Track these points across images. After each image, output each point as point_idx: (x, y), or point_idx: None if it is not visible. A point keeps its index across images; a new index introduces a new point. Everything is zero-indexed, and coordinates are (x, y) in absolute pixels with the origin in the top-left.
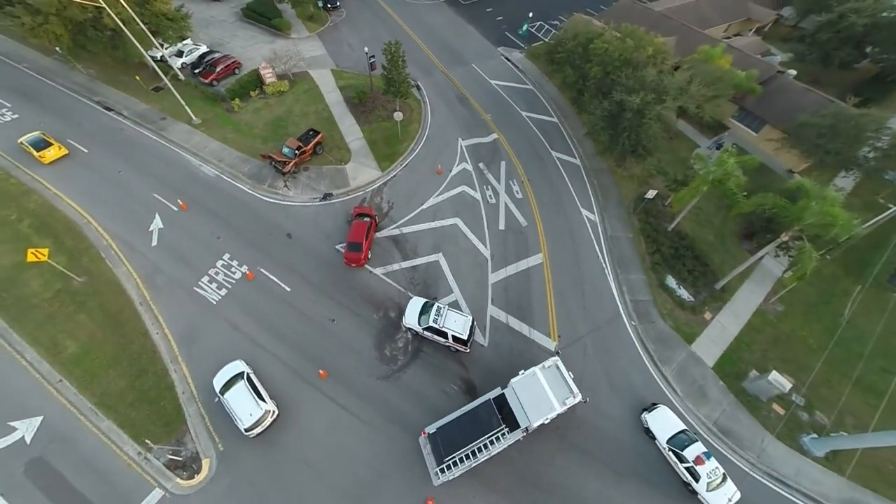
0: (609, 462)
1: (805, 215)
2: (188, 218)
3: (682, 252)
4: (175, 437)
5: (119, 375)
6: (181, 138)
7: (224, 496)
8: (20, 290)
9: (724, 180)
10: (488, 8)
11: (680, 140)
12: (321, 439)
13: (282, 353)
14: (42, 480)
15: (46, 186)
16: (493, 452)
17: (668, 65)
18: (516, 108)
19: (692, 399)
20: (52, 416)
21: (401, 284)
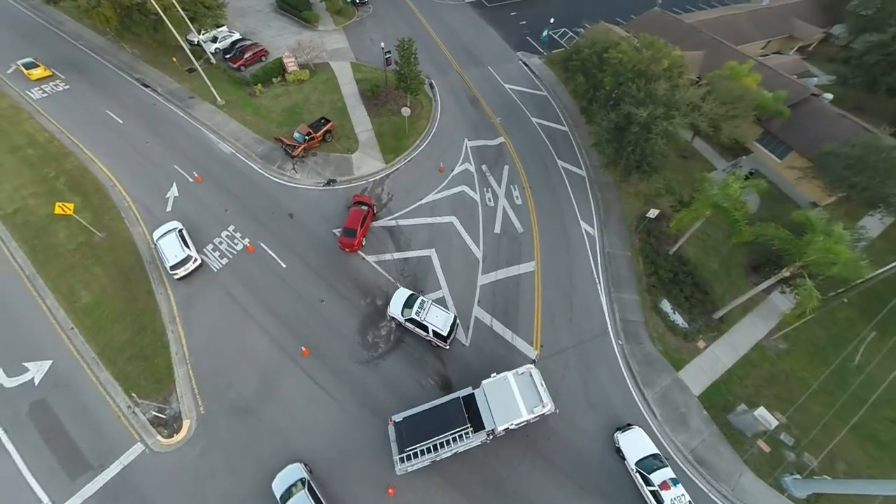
0: (574, 476)
1: (808, 250)
2: (201, 189)
3: (681, 277)
4: (162, 395)
5: (122, 329)
6: (205, 117)
7: (197, 458)
8: (49, 239)
9: (728, 205)
10: (513, 12)
11: (695, 160)
12: (295, 414)
13: (270, 327)
14: (41, 423)
15: (82, 150)
16: (456, 449)
17: (685, 79)
18: (527, 114)
19: (671, 425)
20: (59, 362)
21: (391, 274)
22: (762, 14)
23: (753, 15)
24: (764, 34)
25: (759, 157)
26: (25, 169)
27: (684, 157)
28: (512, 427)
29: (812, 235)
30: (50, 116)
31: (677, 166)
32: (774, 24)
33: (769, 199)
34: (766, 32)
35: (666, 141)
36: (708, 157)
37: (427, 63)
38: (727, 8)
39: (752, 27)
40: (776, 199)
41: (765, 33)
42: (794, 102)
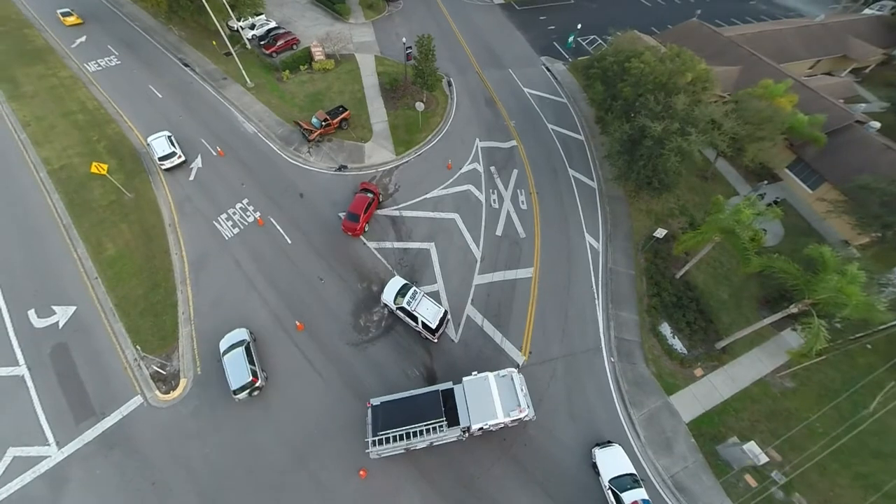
0: (546, 485)
1: (818, 288)
2: (222, 163)
3: (685, 302)
4: (166, 352)
5: (138, 284)
6: (234, 97)
7: (188, 417)
8: (86, 194)
9: (738, 231)
10: (542, 16)
11: (717, 183)
12: (283, 386)
13: (270, 298)
14: (59, 365)
15: (124, 118)
16: (429, 441)
17: (710, 94)
18: (543, 120)
19: (654, 448)
20: (82, 309)
21: (389, 262)
22: (814, 31)
23: (803, 31)
24: (813, 53)
25: (789, 185)
26: (74, 131)
27: (704, 178)
28: (487, 427)
29: (823, 273)
30: (100, 87)
31: (695, 187)
32: (826, 43)
33: (795, 232)
34: (815, 51)
35: (680, 158)
36: (731, 181)
37: (448, 61)
38: (775, 22)
39: (800, 44)
40: (803, 233)
41: (814, 52)
42: (833, 129)
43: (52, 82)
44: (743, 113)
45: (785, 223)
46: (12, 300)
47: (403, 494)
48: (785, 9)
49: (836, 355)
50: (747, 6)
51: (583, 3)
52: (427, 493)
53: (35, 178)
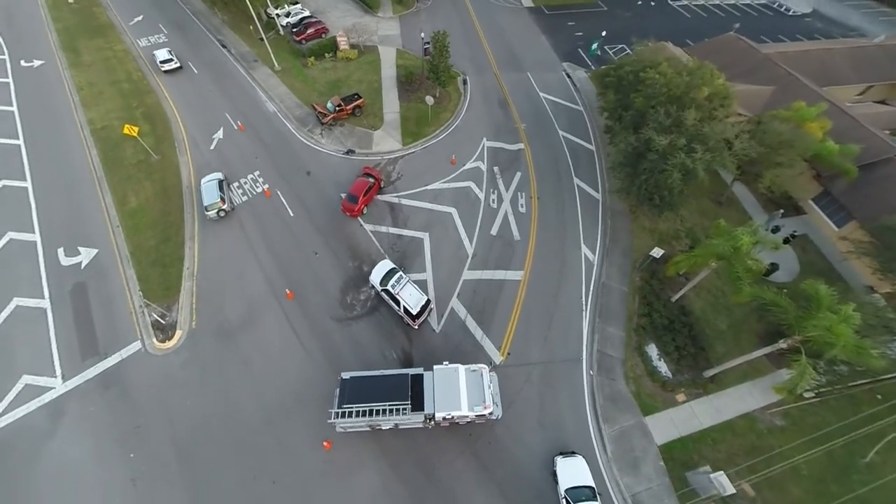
0: (503, 486)
1: (806, 325)
2: (241, 136)
3: (677, 326)
4: (167, 303)
5: (152, 236)
6: (261, 78)
7: (178, 368)
8: (120, 152)
9: (733, 259)
10: (571, 21)
11: (731, 208)
12: (267, 350)
13: (266, 264)
14: (77, 302)
15: (162, 90)
16: (394, 423)
17: (729, 112)
18: (555, 126)
19: (620, 465)
20: (103, 252)
21: (382, 246)
22: (869, 53)
23: (856, 52)
24: (864, 77)
25: (813, 220)
26: (118, 98)
27: (718, 202)
28: (451, 418)
29: (816, 310)
30: (147, 61)
31: (707, 211)
32: (882, 66)
33: (813, 271)
34: (867, 75)
35: (682, 176)
36: (747, 208)
37: (467, 61)
38: (826, 42)
39: (850, 67)
40: (822, 273)
41: (865, 76)
42: (869, 162)
43: (107, 54)
44: (762, 135)
45: (803, 260)
46: (47, 238)
47: (363, 471)
48: (845, 27)
49: (839, 400)
50: (800, 23)
51: (616, 11)
52: (387, 473)
53: (80, 135)
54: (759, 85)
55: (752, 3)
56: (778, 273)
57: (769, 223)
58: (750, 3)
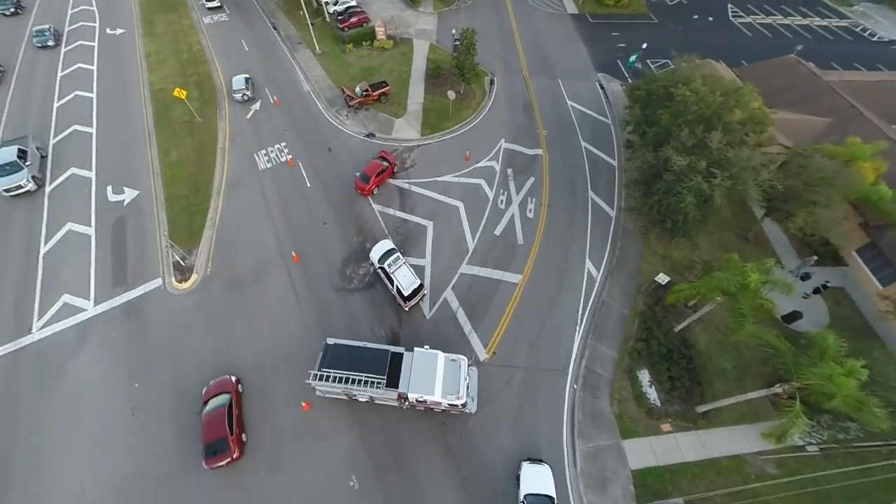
0: (467, 480)
1: (805, 372)
2: (275, 110)
3: (675, 357)
4: (188, 247)
5: (185, 187)
6: (301, 59)
7: (190, 308)
8: (169, 112)
9: (738, 295)
10: (615, 32)
11: (758, 246)
12: (267, 305)
13: (279, 226)
14: (115, 235)
15: (215, 62)
16: (370, 396)
17: (761, 139)
18: (579, 136)
19: (588, 482)
20: (142, 194)
21: (387, 227)
22: None
23: None
24: None
25: (854, 273)
26: (177, 66)
27: (745, 238)
28: (424, 401)
29: (819, 359)
30: (207, 36)
31: (730, 245)
32: None
33: (845, 327)
34: None
35: (698, 201)
36: (777, 249)
37: (497, 61)
38: None
39: None
40: (854, 331)
41: None
42: None
43: (176, 27)
44: (799, 169)
45: (835, 314)
46: (100, 176)
47: (335, 438)
48: None
49: (846, 458)
50: (883, 51)
51: (668, 25)
52: (356, 445)
53: (140, 95)
54: (812, 115)
55: (830, 25)
56: (801, 322)
57: (799, 269)
58: (826, 24)
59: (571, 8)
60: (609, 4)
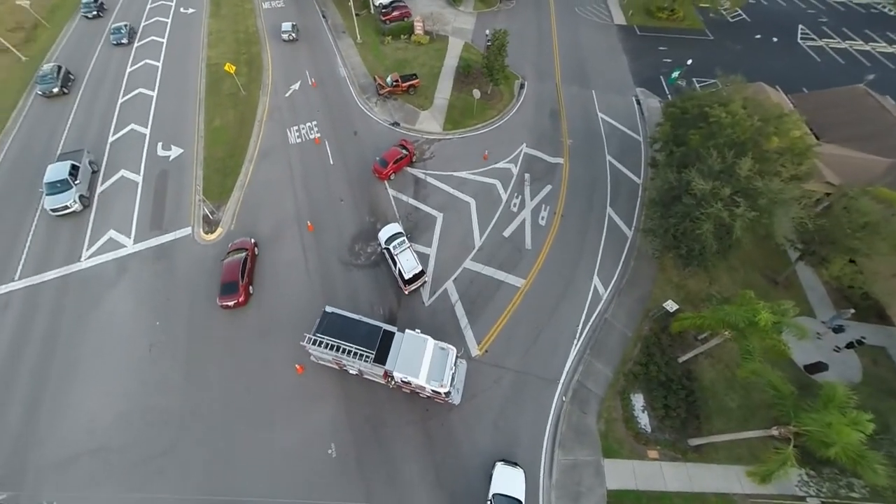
0: (440, 469)
1: (803, 417)
2: (311, 91)
3: (674, 387)
4: (218, 203)
5: (222, 150)
6: (343, 47)
7: (211, 257)
8: (220, 84)
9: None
10: (662, 46)
11: (789, 292)
12: (279, 267)
13: (300, 196)
14: (158, 186)
15: (266, 43)
16: (359, 369)
17: (798, 171)
18: (605, 150)
19: (560, 493)
20: (185, 153)
21: (399, 212)
22: None
23: None
24: None
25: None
26: (233, 44)
27: (774, 281)
28: (408, 383)
29: (822, 407)
30: (263, 19)
31: (754, 285)
32: None
33: (881, 387)
34: None
35: (714, 229)
36: (810, 297)
37: (531, 66)
38: None
39: None
40: (891, 394)
41: None
42: None
43: (238, 10)
44: (842, 211)
45: (870, 372)
46: (153, 134)
47: (320, 404)
48: None
49: None
50: None
51: (725, 43)
52: (340, 415)
53: (198, 67)
54: (873, 154)
55: None
56: (826, 374)
57: (832, 321)
58: None
59: (619, 19)
60: (661, 17)
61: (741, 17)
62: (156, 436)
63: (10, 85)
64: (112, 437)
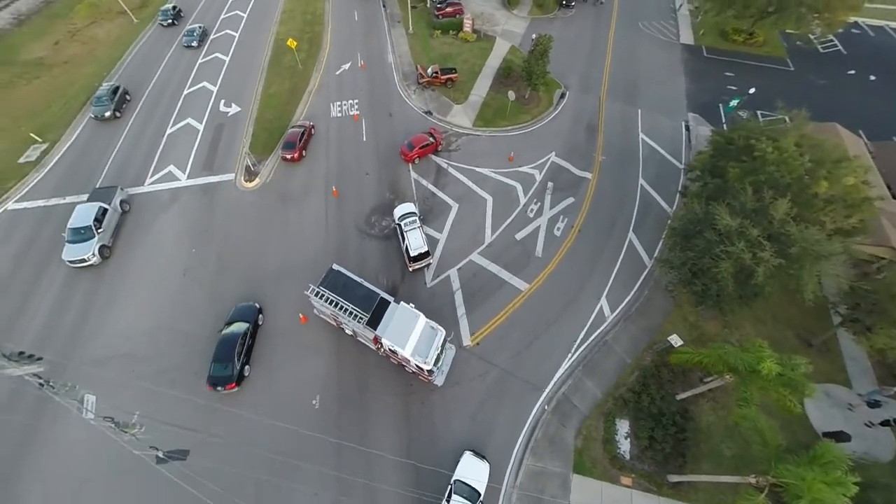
0: (411, 444)
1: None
2: (359, 72)
3: (665, 422)
4: (260, 158)
5: (272, 113)
6: (395, 35)
7: (248, 203)
8: (281, 57)
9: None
10: (730, 72)
11: (824, 358)
12: (303, 221)
13: (331, 164)
14: (214, 135)
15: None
16: (351, 329)
17: (846, 223)
18: (639, 171)
19: (521, 496)
20: (242, 112)
21: (417, 194)
22: None
23: None
24: None
25: None
26: (301, 24)
27: (808, 344)
28: (395, 353)
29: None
30: (330, 3)
31: (785, 344)
32: None
33: None
34: None
35: (734, 272)
36: (850, 368)
37: (577, 76)
38: None
39: None
40: None
41: None
42: None
43: None
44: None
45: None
46: (219, 92)
47: (315, 356)
48: None
49: None
50: None
51: (807, 76)
52: (331, 370)
53: (267, 41)
54: None
55: None
56: (848, 445)
57: (870, 395)
58: None
59: (687, 38)
60: (737, 40)
61: (835, 47)
62: (174, 353)
63: (122, 40)
64: (140, 346)
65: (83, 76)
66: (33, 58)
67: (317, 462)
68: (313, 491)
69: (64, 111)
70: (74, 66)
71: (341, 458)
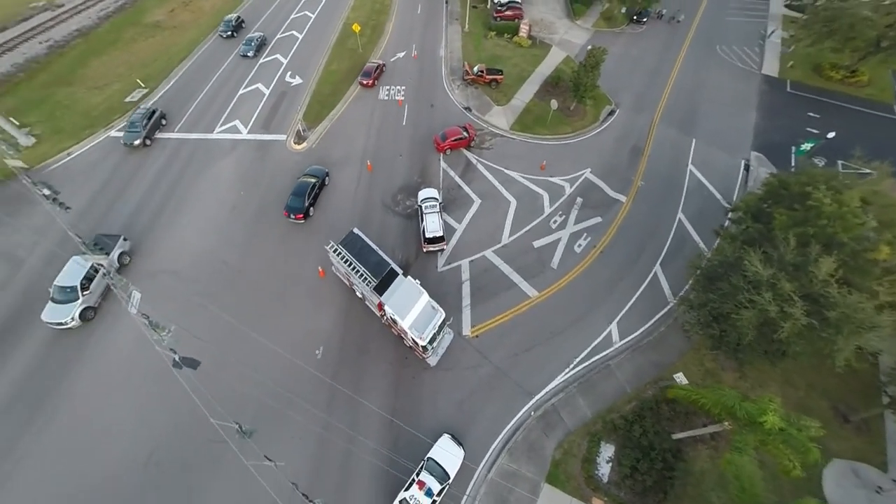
0: (395, 413)
1: None
2: (411, 62)
3: (654, 457)
4: (310, 125)
5: (328, 88)
6: (450, 32)
7: (293, 163)
8: (346, 40)
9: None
10: (814, 112)
11: (861, 435)
12: (337, 187)
13: (370, 141)
14: (276, 101)
15: (394, 14)
16: (360, 292)
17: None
18: (679, 205)
19: (489, 491)
20: (303, 84)
21: (444, 183)
22: None
23: None
24: None
25: None
26: (370, 12)
27: (844, 418)
28: (395, 323)
29: None
30: None
31: (813, 412)
32: None
33: None
34: None
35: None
36: (890, 452)
37: (631, 95)
38: None
39: None
40: None
41: None
42: None
43: None
44: None
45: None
46: (287, 66)
47: (326, 310)
48: None
49: None
50: None
51: None
52: (337, 326)
53: (336, 24)
54: None
55: None
56: None
57: None
58: None
59: (771, 69)
60: (833, 77)
61: None
62: (212, 279)
63: (223, 10)
64: (185, 267)
65: (186, 39)
66: (153, 21)
67: (310, 402)
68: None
69: (166, 66)
70: (181, 30)
71: (331, 412)
